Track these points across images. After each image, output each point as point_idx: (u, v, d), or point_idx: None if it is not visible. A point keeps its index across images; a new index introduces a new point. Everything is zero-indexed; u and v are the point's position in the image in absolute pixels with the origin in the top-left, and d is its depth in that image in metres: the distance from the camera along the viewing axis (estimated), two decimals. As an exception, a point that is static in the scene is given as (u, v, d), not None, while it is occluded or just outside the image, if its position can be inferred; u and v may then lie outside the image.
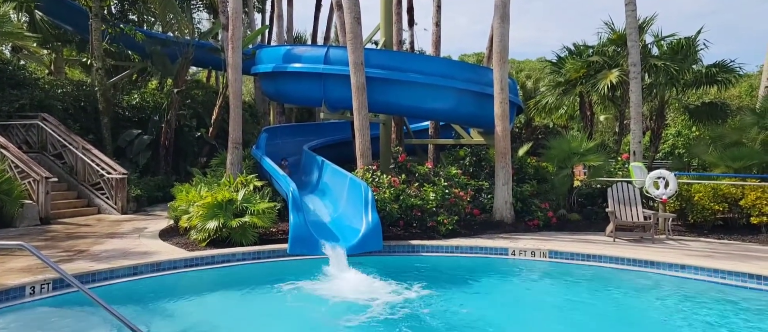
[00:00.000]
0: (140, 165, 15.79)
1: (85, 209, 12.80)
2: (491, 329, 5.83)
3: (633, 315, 6.65)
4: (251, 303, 6.70)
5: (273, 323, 5.87)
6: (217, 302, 6.77)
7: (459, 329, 5.70)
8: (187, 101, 18.51)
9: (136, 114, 17.57)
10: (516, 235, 10.46)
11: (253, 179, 10.81)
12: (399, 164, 12.15)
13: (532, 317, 6.45)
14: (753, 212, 10.39)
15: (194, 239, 9.00)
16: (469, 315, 6.17)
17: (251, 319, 6.08)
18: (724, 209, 10.82)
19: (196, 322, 5.73)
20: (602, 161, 12.63)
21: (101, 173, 13.02)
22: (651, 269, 8.13)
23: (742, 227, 10.91)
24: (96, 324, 5.20)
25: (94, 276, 6.83)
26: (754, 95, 20.66)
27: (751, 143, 11.87)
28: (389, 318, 5.78)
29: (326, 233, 9.31)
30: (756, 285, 7.22)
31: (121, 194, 12.88)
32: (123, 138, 16.35)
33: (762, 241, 10.18)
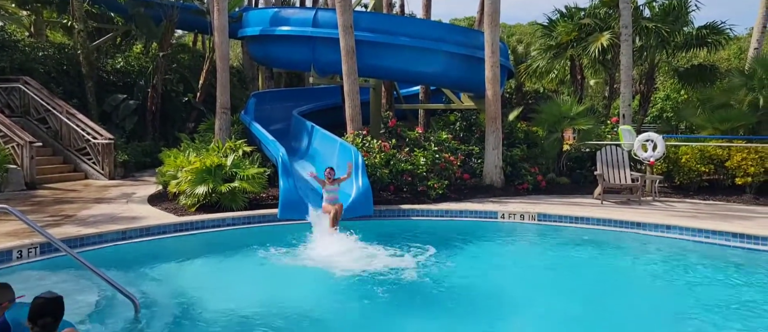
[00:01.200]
0: (127, 130, 15.58)
1: (72, 175, 12.66)
2: (480, 290, 5.91)
3: (619, 274, 6.78)
4: (241, 267, 6.72)
5: (263, 286, 5.90)
6: (207, 266, 6.79)
7: (449, 290, 5.78)
8: (173, 66, 18.16)
9: (121, 78, 17.22)
10: (505, 199, 10.53)
11: (242, 144, 10.71)
12: (389, 129, 12.09)
13: (520, 278, 6.54)
14: (738, 173, 10.53)
15: (183, 204, 8.96)
16: (458, 277, 6.24)
17: (241, 283, 6.10)
18: (710, 170, 10.97)
19: (187, 286, 5.74)
20: (592, 125, 12.66)
21: (87, 138, 12.83)
22: (637, 230, 8.26)
23: (726, 188, 11.09)
24: (85, 288, 5.19)
25: (83, 240, 6.80)
26: (742, 57, 20.67)
27: (739, 105, 11.94)
28: (379, 281, 5.84)
29: (317, 198, 9.28)
30: (738, 243, 7.39)
31: (108, 159, 12.73)
32: (108, 103, 16.06)
33: (745, 201, 10.38)
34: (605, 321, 5.09)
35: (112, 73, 17.17)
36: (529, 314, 5.29)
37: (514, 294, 5.91)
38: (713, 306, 5.39)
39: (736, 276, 6.36)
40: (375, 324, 4.95)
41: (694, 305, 5.49)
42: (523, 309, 5.45)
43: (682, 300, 5.69)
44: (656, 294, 5.96)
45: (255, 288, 5.89)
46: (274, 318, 4.87)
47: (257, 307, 5.09)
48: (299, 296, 5.49)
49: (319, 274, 6.19)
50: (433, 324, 4.91)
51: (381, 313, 5.14)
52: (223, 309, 5.03)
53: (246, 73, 21.08)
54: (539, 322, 5.06)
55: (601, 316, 5.22)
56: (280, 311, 5.03)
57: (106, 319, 4.60)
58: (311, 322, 4.89)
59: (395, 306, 5.26)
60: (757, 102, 11.70)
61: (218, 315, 4.90)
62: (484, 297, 5.69)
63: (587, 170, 12.49)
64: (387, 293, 5.52)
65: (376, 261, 6.64)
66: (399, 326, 4.91)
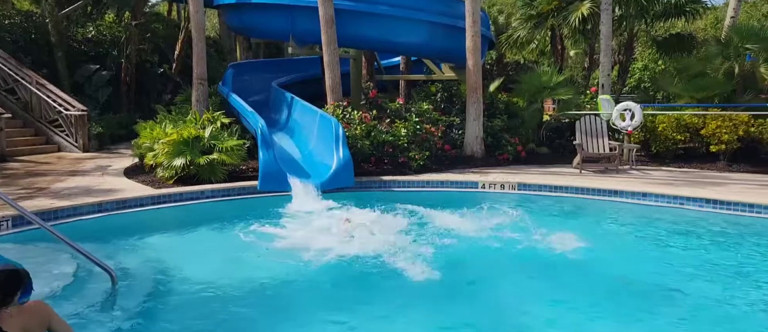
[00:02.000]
0: (101, 102, 15.18)
1: (44, 147, 12.33)
2: (459, 259, 5.96)
3: (594, 240, 6.89)
4: (220, 239, 6.66)
5: (244, 257, 5.86)
6: (185, 239, 6.69)
7: (427, 260, 5.80)
8: (147, 35, 17.65)
9: (93, 48, 16.70)
10: (486, 169, 10.59)
11: (220, 115, 10.52)
12: (370, 100, 11.98)
13: (498, 246, 6.60)
14: (712, 141, 10.74)
15: (161, 176, 8.81)
16: (438, 247, 6.27)
17: (221, 254, 6.05)
18: (685, 138, 11.17)
19: (165, 258, 5.67)
20: (571, 95, 12.73)
21: (59, 109, 12.46)
22: (615, 198, 8.40)
23: (701, 155, 11.33)
24: (60, 261, 5.09)
25: (57, 213, 6.65)
26: (719, 26, 20.89)
27: (715, 74, 12.11)
28: (360, 252, 5.83)
29: (297, 170, 9.23)
30: (712, 208, 7.58)
31: (81, 131, 12.41)
32: (80, 74, 15.59)
33: (719, 168, 10.64)
34: (582, 284, 5.19)
35: (83, 43, 16.63)
36: (509, 282, 5.36)
37: (496, 262, 5.97)
38: (686, 267, 5.54)
39: (708, 238, 6.54)
40: (354, 294, 4.96)
41: (668, 266, 5.63)
42: (505, 277, 5.51)
43: (658, 262, 5.83)
44: (633, 258, 6.09)
45: (234, 260, 5.84)
46: (252, 289, 4.85)
47: (236, 279, 5.05)
48: (278, 267, 5.45)
49: (299, 246, 6.16)
50: (413, 294, 4.95)
51: (359, 284, 5.15)
52: (202, 281, 4.99)
53: (223, 44, 20.59)
54: (517, 289, 5.13)
55: (578, 279, 5.31)
56: (259, 283, 5.01)
57: (82, 292, 4.53)
58: (290, 293, 4.87)
59: (375, 276, 5.27)
60: (733, 70, 11.89)
61: (197, 287, 4.86)
62: (464, 265, 5.73)
63: (567, 140, 12.60)
64: (366, 263, 5.53)
65: (356, 232, 6.63)
66: (379, 296, 4.93)
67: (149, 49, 17.43)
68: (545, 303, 4.76)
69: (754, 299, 4.79)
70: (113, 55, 16.39)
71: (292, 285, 5.05)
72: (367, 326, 4.30)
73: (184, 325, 4.31)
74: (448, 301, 4.77)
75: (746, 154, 10.96)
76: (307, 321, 4.38)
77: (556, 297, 4.90)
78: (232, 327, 4.24)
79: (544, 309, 4.62)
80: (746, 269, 5.61)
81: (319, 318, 4.45)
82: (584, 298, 4.89)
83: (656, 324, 4.32)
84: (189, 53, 14.05)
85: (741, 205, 7.42)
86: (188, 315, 4.48)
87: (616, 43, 17.35)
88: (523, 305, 4.70)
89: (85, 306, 4.31)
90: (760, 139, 10.71)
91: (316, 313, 4.54)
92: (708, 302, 4.73)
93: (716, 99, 11.82)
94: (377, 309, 4.63)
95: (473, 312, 4.57)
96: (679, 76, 13.12)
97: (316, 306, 4.72)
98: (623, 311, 4.61)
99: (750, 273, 5.49)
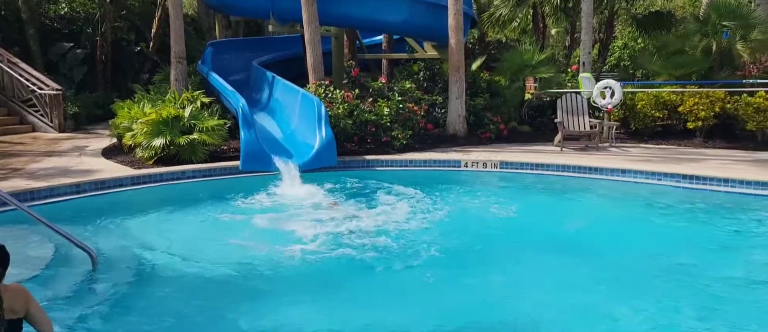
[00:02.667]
0: (76, 81, 14.79)
1: (18, 127, 12.02)
2: (442, 236, 6.01)
3: (575, 216, 7.03)
4: (203, 219, 6.61)
5: (226, 237, 5.83)
6: (166, 219, 6.63)
7: (411, 238, 5.85)
8: (123, 12, 17.17)
9: (67, 25, 16.20)
10: (469, 148, 10.64)
11: (199, 95, 10.34)
12: (352, 79, 11.87)
13: (482, 223, 6.68)
14: (690, 118, 10.93)
15: (140, 157, 8.68)
16: (420, 225, 6.32)
17: (203, 235, 6.02)
18: (663, 116, 11.34)
19: (146, 239, 5.62)
20: (553, 73, 12.78)
21: (32, 88, 12.12)
22: (595, 175, 8.52)
23: (678, 132, 11.52)
24: (38, 243, 5.01)
25: (33, 194, 6.52)
26: (697, 4, 21.08)
27: (693, 51, 12.24)
28: (344, 231, 5.85)
29: (279, 150, 9.16)
30: (688, 184, 7.76)
31: (57, 111, 12.11)
32: (53, 52, 15.15)
33: (696, 144, 10.86)
34: (562, 258, 5.29)
35: (56, 20, 16.12)
36: (494, 259, 5.44)
37: (479, 238, 6.04)
38: (663, 239, 5.70)
39: (684, 212, 6.70)
40: (339, 274, 4.97)
41: (646, 239, 5.78)
42: (489, 253, 5.59)
43: (636, 235, 5.98)
44: (612, 231, 6.23)
45: (216, 240, 5.81)
46: (235, 270, 4.83)
47: (218, 260, 5.03)
48: (261, 249, 5.43)
49: (281, 225, 6.14)
50: (397, 271, 4.99)
51: (344, 263, 5.17)
52: (183, 262, 4.97)
53: (202, 22, 20.14)
54: (503, 267, 5.21)
55: (556, 254, 5.41)
56: (241, 264, 4.99)
57: (62, 274, 4.49)
58: (273, 274, 4.86)
59: (360, 255, 5.29)
60: (710, 48, 12.03)
61: (179, 268, 4.84)
62: (447, 241, 5.79)
63: (548, 118, 12.69)
64: (350, 242, 5.54)
65: (339, 211, 6.64)
66: (363, 276, 4.95)
67: (125, 26, 16.97)
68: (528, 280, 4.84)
69: (733, 268, 4.95)
70: (88, 33, 15.93)
71: (276, 266, 5.04)
72: (347, 307, 4.33)
73: (166, 306, 4.30)
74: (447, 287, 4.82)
75: (722, 130, 11.18)
76: (290, 302, 4.39)
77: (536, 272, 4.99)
78: (214, 307, 4.24)
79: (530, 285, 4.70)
80: (721, 240, 5.78)
81: (301, 299, 4.47)
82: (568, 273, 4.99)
83: (632, 292, 4.44)
84: (166, 31, 13.73)
85: (716, 180, 7.60)
86: (170, 296, 4.47)
87: (596, 21, 17.41)
88: (512, 282, 4.78)
89: (66, 287, 4.26)
90: (735, 115, 10.92)
91: (298, 295, 4.55)
92: (689, 269, 4.87)
93: (694, 76, 11.99)
94: (360, 291, 4.67)
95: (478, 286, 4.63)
96: (658, 54, 13.25)
97: (300, 287, 4.73)
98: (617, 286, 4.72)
99: (726, 244, 5.65)
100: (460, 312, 4.19)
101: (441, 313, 4.16)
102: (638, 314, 4.09)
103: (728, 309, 4.23)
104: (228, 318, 4.08)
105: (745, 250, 5.59)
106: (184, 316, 4.17)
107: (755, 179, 7.40)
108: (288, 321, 4.03)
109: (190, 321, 4.10)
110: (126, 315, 4.10)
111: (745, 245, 5.71)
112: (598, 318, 4.09)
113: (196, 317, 4.14)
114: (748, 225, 6.26)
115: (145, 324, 3.98)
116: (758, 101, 10.36)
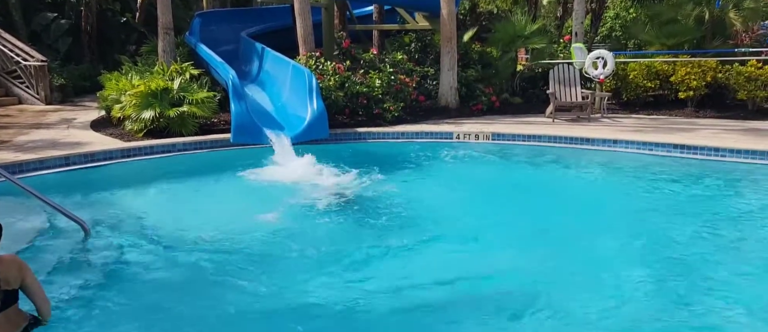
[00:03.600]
0: (61, 52, 14.50)
1: (4, 99, 11.82)
2: (435, 207, 6.04)
3: (567, 186, 7.07)
4: (194, 191, 6.58)
5: (218, 209, 5.81)
6: (156, 192, 6.58)
7: (404, 208, 5.87)
8: (108, -18, 16.78)
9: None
10: (460, 120, 10.61)
11: (188, 67, 10.17)
12: (343, 50, 11.74)
13: (474, 194, 6.71)
14: (681, 88, 10.95)
15: (129, 129, 8.57)
16: (414, 196, 6.34)
17: (195, 207, 6.00)
18: (655, 86, 11.35)
19: (136, 212, 5.58)
20: (545, 44, 12.70)
21: (17, 60, 11.87)
22: (586, 145, 8.56)
23: (670, 102, 11.56)
24: (28, 215, 4.96)
25: (21, 166, 6.44)
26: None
27: (685, 20, 12.19)
28: (335, 203, 5.85)
29: (270, 122, 9.08)
30: (679, 154, 7.83)
31: (43, 82, 11.87)
32: (37, 22, 14.79)
33: (687, 114, 10.92)
34: (554, 227, 5.34)
35: (39, -11, 15.73)
36: (490, 228, 5.47)
37: (473, 209, 6.07)
38: (654, 208, 5.75)
39: (673, 181, 6.77)
40: (329, 245, 4.97)
41: (636, 208, 5.84)
42: (484, 224, 5.62)
43: (626, 204, 6.03)
44: (604, 201, 6.29)
45: (208, 210, 5.80)
46: (226, 242, 4.82)
47: (210, 231, 5.01)
48: (250, 220, 5.41)
49: (274, 198, 6.13)
50: (389, 243, 5.01)
51: (335, 235, 5.17)
52: (175, 234, 4.95)
53: (189, -8, 19.75)
54: (496, 233, 5.26)
55: (549, 223, 5.46)
56: (232, 235, 4.97)
57: (53, 246, 4.46)
58: (262, 246, 4.85)
59: (351, 227, 5.30)
60: (703, 16, 11.99)
61: (170, 240, 4.83)
62: (440, 213, 5.82)
63: (540, 90, 12.67)
64: (342, 214, 5.54)
65: (331, 183, 6.62)
66: (355, 245, 4.96)
67: (110, -4, 16.61)
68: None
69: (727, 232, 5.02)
70: (72, 3, 15.55)
71: (267, 235, 5.04)
72: (340, 278, 4.35)
73: (157, 277, 4.30)
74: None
75: (713, 100, 11.23)
76: (282, 269, 4.40)
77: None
78: (204, 276, 4.24)
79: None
80: (713, 207, 5.85)
81: (296, 266, 4.48)
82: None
83: (627, 256, 4.50)
84: (153, 2, 13.43)
85: (707, 149, 7.67)
86: (162, 267, 4.47)
87: (589, -10, 17.25)
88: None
89: (58, 259, 4.24)
90: (726, 85, 10.96)
91: (291, 262, 4.56)
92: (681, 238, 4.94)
93: (686, 46, 11.97)
94: (349, 259, 4.69)
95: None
96: (651, 23, 13.17)
97: (294, 255, 4.74)
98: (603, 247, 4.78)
99: (719, 211, 5.72)
100: (460, 274, 4.24)
101: (438, 276, 4.20)
102: (628, 282, 4.16)
103: (720, 274, 4.31)
104: (219, 285, 4.09)
105: (738, 218, 5.65)
106: (175, 285, 4.18)
107: (746, 148, 7.47)
108: (281, 286, 4.05)
109: (182, 289, 4.11)
110: (118, 285, 4.10)
111: (738, 213, 5.78)
112: (588, 286, 4.14)
113: (188, 286, 4.16)
114: (742, 192, 6.34)
115: (137, 294, 3.98)
116: (749, 69, 10.39)
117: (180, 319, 3.64)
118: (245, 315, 3.68)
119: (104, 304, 3.77)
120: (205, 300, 3.91)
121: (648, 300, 3.88)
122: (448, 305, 3.85)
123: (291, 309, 3.78)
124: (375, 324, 3.64)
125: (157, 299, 3.88)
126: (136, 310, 3.73)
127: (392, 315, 3.71)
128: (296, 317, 3.66)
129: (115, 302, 3.81)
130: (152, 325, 3.56)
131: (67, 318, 3.54)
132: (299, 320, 3.61)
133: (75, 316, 3.60)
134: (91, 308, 3.71)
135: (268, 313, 3.74)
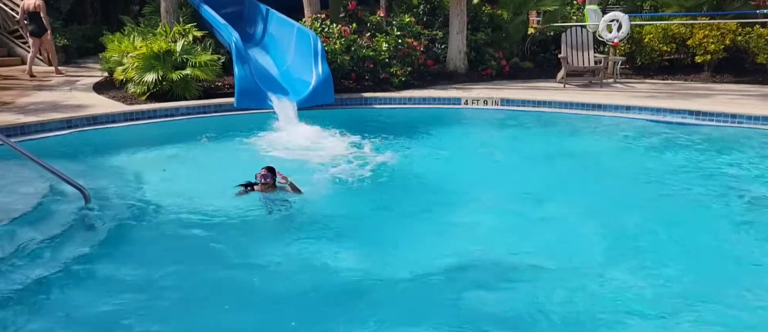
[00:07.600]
0: (63, 12, 14.24)
1: (6, 60, 11.67)
2: (442, 175, 5.93)
3: (577, 153, 6.91)
4: (197, 157, 6.49)
5: (221, 174, 5.72)
6: (159, 156, 6.48)
7: (411, 176, 5.77)
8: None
9: (51, -47, 15.46)
10: (469, 85, 10.39)
11: (191, 28, 9.96)
12: (349, 12, 11.43)
13: (481, 161, 6.58)
14: (698, 51, 10.61)
15: (133, 92, 8.45)
16: (421, 163, 6.22)
17: (198, 173, 5.92)
18: (671, 49, 11.01)
19: (139, 176, 5.51)
20: (557, 6, 12.32)
21: (18, 19, 11.68)
22: (598, 112, 8.36)
23: (686, 67, 11.23)
24: (28, 180, 4.88)
25: (23, 128, 6.38)
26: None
27: (705, -20, 11.75)
28: (341, 169, 5.75)
29: (274, 87, 8.92)
30: (694, 120, 7.62)
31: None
32: (38, -20, 14.50)
33: (703, 79, 10.61)
34: (563, 195, 5.22)
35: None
36: (494, 195, 5.37)
37: (480, 176, 5.96)
38: (669, 175, 5.62)
39: (687, 149, 6.59)
40: (336, 212, 4.89)
41: (651, 178, 5.69)
42: (490, 191, 5.51)
43: (640, 173, 5.88)
44: (616, 169, 6.16)
45: (212, 175, 5.72)
46: (230, 209, 4.74)
47: (214, 199, 4.92)
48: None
49: (278, 163, 6.02)
50: (396, 209, 4.93)
51: (341, 202, 5.10)
52: (178, 200, 4.88)
53: (192, -49, 19.27)
54: (507, 201, 5.16)
55: (558, 191, 5.34)
56: (236, 203, 4.88)
57: (53, 212, 4.39)
58: (266, 213, 4.77)
59: (358, 194, 5.22)
60: (724, -25, 11.54)
61: (173, 206, 4.76)
62: (447, 180, 5.71)
63: (551, 54, 12.35)
64: (349, 181, 5.45)
65: (336, 149, 6.51)
66: (362, 213, 4.90)
67: (112, -45, 16.20)
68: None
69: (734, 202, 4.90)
70: (72, -39, 15.22)
71: (269, 205, 4.94)
72: (348, 246, 4.28)
73: (159, 244, 4.26)
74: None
75: (731, 64, 10.88)
76: (281, 240, 4.33)
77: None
78: (207, 242, 4.19)
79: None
80: (727, 175, 5.70)
81: (296, 236, 4.41)
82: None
83: (641, 222, 4.40)
84: (156, -40, 13.10)
85: (723, 116, 7.44)
86: (165, 233, 4.42)
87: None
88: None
89: (58, 225, 4.18)
90: (746, 48, 10.58)
91: (292, 232, 4.49)
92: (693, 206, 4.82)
93: (705, 7, 11.54)
94: (352, 227, 4.62)
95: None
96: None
97: (294, 224, 4.67)
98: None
99: (733, 178, 5.57)
100: (465, 245, 4.16)
101: (448, 248, 4.13)
102: (647, 247, 4.06)
103: (732, 238, 4.25)
104: (221, 252, 4.04)
105: (751, 185, 5.50)
106: (178, 250, 4.13)
107: (764, 114, 7.24)
108: (278, 254, 4.00)
109: (184, 254, 4.06)
110: (120, 250, 4.06)
111: (751, 179, 5.63)
112: (595, 258, 4.05)
113: (191, 251, 4.11)
114: (755, 160, 6.16)
115: (140, 259, 3.94)
116: (771, 32, 10.02)
117: (179, 287, 3.59)
118: (237, 280, 3.64)
119: (104, 270, 3.73)
120: (204, 265, 3.87)
121: (672, 269, 3.78)
122: (456, 272, 3.77)
123: (293, 275, 3.73)
124: (381, 292, 3.57)
125: (157, 265, 3.83)
126: (135, 276, 3.68)
127: (398, 284, 3.64)
128: (302, 283, 3.61)
129: (114, 268, 3.77)
130: (150, 290, 3.51)
131: (65, 285, 3.50)
132: (310, 286, 3.56)
133: (73, 282, 3.56)
134: (89, 274, 3.67)
135: (269, 276, 3.70)
